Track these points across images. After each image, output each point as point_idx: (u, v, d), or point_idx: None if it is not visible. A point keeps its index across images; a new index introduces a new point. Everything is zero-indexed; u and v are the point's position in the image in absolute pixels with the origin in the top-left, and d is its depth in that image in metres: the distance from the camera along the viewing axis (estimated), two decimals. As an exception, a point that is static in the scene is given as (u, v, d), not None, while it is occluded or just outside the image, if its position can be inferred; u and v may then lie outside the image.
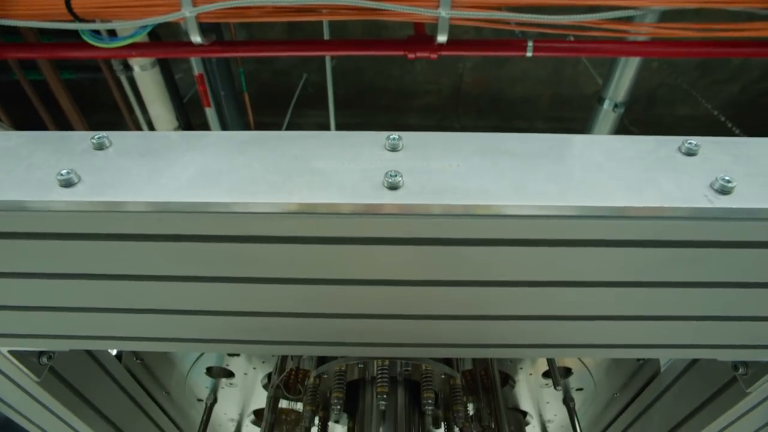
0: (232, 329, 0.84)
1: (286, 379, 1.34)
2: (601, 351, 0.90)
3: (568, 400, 1.55)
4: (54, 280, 0.76)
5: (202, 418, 1.52)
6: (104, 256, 0.71)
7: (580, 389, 1.56)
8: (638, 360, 1.51)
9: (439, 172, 0.67)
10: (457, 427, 1.16)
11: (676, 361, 1.46)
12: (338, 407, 1.06)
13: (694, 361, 1.36)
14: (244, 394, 1.59)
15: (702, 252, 0.71)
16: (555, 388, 1.31)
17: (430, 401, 1.07)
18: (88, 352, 1.27)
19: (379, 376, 1.10)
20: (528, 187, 0.66)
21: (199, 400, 1.58)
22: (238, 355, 1.39)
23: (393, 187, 0.64)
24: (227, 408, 1.64)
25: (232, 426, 1.76)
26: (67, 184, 0.67)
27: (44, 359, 1.07)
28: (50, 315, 0.84)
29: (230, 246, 0.68)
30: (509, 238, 0.67)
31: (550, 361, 1.37)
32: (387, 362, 1.11)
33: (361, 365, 1.13)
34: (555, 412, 1.67)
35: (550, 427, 1.77)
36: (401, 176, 0.65)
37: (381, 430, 1.07)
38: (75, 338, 0.91)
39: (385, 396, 1.05)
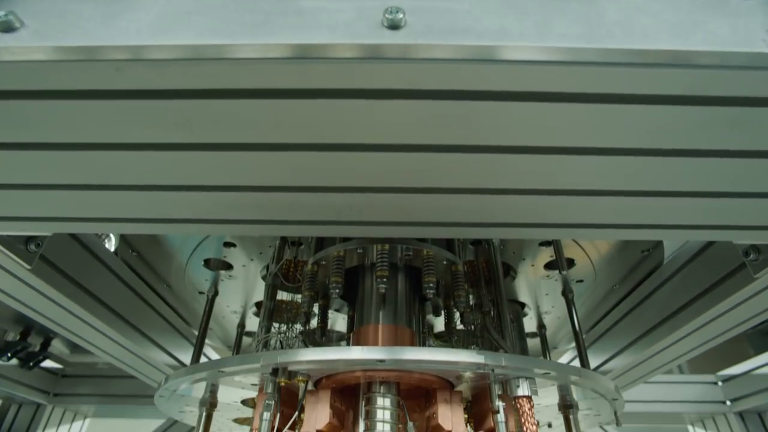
0: (219, 207, 0.78)
1: (285, 271, 1.32)
2: (618, 232, 0.85)
3: (567, 292, 1.55)
4: (15, 152, 0.68)
5: (205, 309, 1.54)
6: (62, 119, 0.63)
7: (581, 281, 1.56)
8: (642, 251, 1.49)
9: (448, 10, 0.56)
10: (458, 311, 1.15)
11: (681, 252, 1.45)
12: (337, 291, 1.05)
13: (701, 251, 1.34)
14: (245, 287, 1.60)
15: (744, 113, 0.62)
16: (560, 272, 1.30)
17: (431, 285, 1.04)
18: (77, 240, 1.24)
19: (379, 261, 1.07)
20: (554, 28, 0.55)
21: (201, 292, 1.59)
22: (234, 245, 1.36)
23: (394, 26, 0.54)
24: (229, 300, 1.66)
25: (236, 318, 1.80)
26: (7, 28, 0.57)
27: (32, 246, 1.03)
28: (23, 194, 0.78)
29: (205, 104, 0.60)
30: (528, 90, 0.58)
31: (557, 246, 1.35)
32: (387, 247, 1.08)
33: (360, 250, 1.10)
34: (552, 303, 1.69)
35: (546, 318, 1.81)
36: (403, 13, 0.54)
37: (381, 314, 1.07)
38: (55, 220, 0.86)
39: (384, 279, 1.03)
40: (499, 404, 0.96)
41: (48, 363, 2.47)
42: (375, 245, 1.10)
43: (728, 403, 2.46)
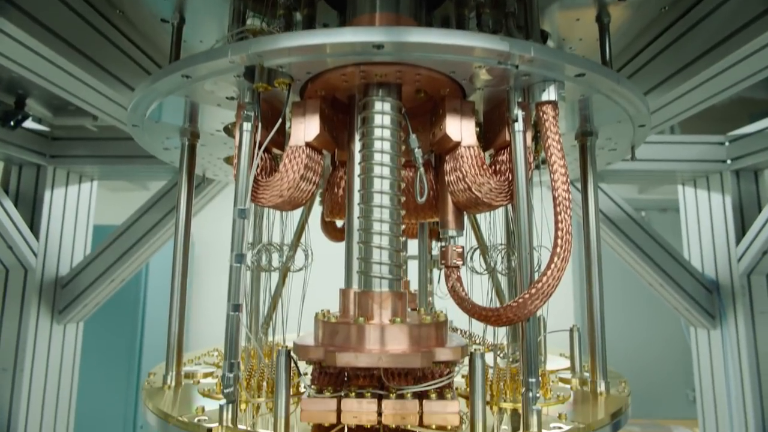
0: None
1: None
2: None
3: (603, 17, 1.29)
4: None
5: (172, 39, 1.30)
6: None
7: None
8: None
9: None
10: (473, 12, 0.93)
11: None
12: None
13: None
14: (219, 15, 1.34)
15: None
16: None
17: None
18: None
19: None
20: None
21: (164, 20, 1.33)
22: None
23: None
24: (200, 30, 1.41)
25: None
26: None
27: None
28: None
29: None
30: None
31: None
32: None
33: None
34: (581, 35, 1.44)
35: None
36: None
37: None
38: None
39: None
40: (518, 112, 0.82)
41: (36, 126, 2.38)
42: None
43: (728, 161, 2.44)
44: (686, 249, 2.68)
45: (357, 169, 0.85)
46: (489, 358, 0.98)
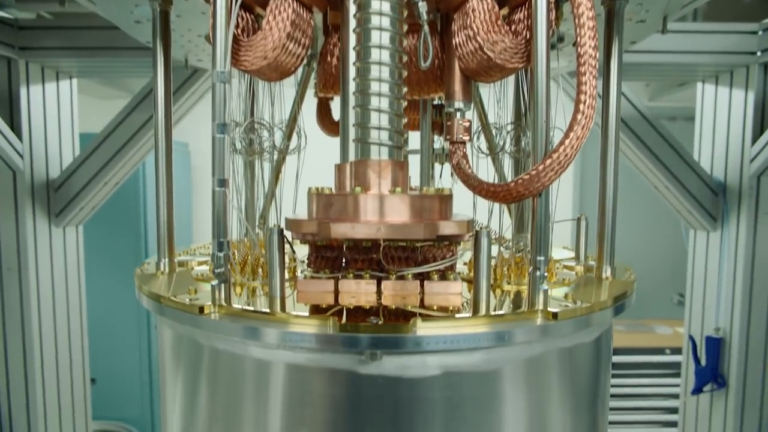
0: None
1: None
2: None
3: None
4: None
5: None
6: None
7: None
8: None
9: None
10: None
11: None
12: None
13: None
14: None
15: None
16: None
17: None
18: None
19: None
20: None
21: None
22: None
23: None
24: None
25: None
26: None
27: None
28: None
29: None
30: None
31: None
32: None
33: None
34: None
35: None
36: None
37: None
38: None
39: None
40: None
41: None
42: None
43: (759, 53, 2.26)
44: (697, 151, 2.59)
45: (352, 23, 0.74)
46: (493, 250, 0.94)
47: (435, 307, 0.77)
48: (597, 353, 0.88)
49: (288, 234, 0.79)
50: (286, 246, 0.77)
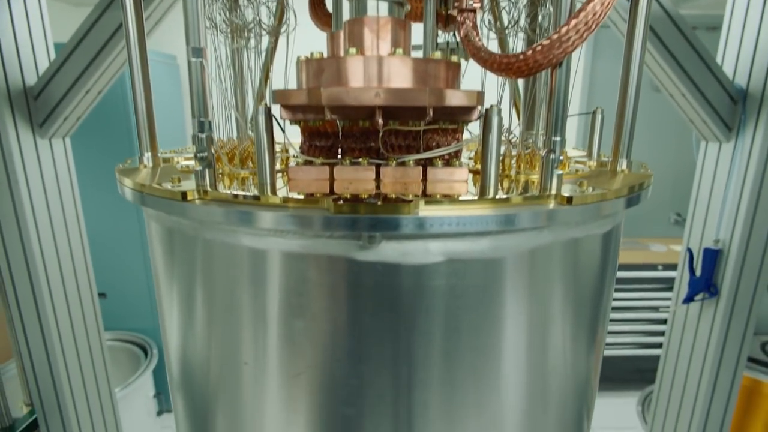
0: None
1: None
2: None
3: None
4: None
5: None
6: None
7: None
8: None
9: None
10: None
11: None
12: None
13: None
14: None
15: None
16: None
17: None
18: None
19: None
20: None
21: None
22: None
23: None
24: None
25: None
26: None
27: None
28: None
29: None
30: None
31: None
32: None
33: None
34: None
35: None
36: None
37: None
38: None
39: None
40: None
41: None
42: None
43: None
44: (720, 55, 2.42)
45: None
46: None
47: (438, 196, 0.71)
48: (605, 250, 0.83)
49: (280, 123, 0.71)
50: (276, 129, 0.70)
